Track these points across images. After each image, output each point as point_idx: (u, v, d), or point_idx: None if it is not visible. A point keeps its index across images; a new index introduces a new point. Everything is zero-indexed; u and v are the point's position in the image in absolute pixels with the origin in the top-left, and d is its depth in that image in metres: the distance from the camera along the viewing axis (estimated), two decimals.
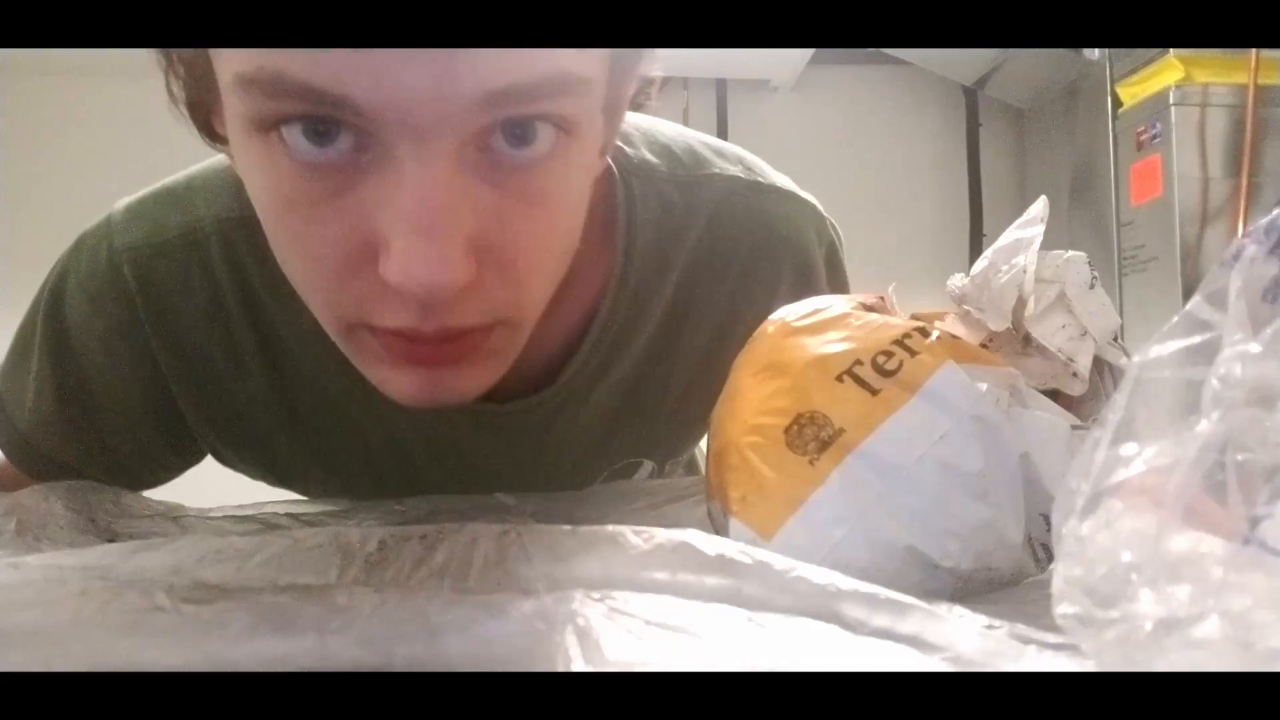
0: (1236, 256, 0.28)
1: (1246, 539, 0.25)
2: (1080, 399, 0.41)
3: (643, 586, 0.33)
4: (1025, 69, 2.31)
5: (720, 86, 2.50)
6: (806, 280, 0.59)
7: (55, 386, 0.53)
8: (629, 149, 0.55)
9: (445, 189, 0.34)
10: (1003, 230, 0.42)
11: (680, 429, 0.62)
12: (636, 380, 0.57)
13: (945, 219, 2.59)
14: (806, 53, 2.29)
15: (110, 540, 0.46)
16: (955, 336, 0.41)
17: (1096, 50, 2.13)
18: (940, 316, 0.44)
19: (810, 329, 0.43)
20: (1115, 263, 2.08)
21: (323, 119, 0.34)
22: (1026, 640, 0.29)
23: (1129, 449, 0.27)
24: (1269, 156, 1.89)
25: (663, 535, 0.35)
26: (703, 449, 0.91)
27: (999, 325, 0.41)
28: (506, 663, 0.28)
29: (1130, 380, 0.28)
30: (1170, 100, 1.90)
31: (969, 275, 0.43)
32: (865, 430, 0.38)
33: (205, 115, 0.42)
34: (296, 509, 0.57)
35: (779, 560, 0.33)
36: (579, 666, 0.27)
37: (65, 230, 0.57)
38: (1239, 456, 0.25)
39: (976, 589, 0.38)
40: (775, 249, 0.58)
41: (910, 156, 2.60)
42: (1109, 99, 2.10)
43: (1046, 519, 0.38)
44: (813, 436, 0.38)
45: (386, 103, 0.33)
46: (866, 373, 0.39)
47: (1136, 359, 0.28)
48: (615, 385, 0.56)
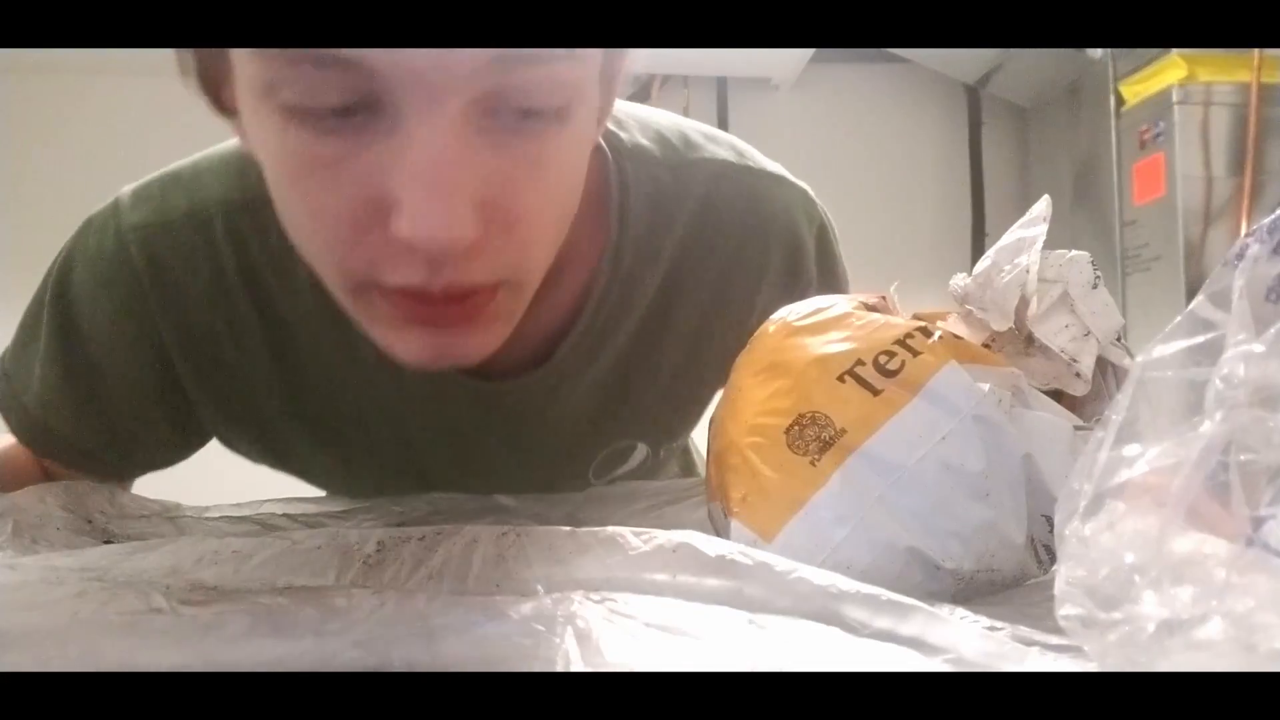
0: (1240, 256, 0.28)
1: (1250, 540, 0.25)
2: (1083, 399, 0.41)
3: (643, 588, 0.33)
4: (1028, 68, 2.31)
5: (721, 85, 2.50)
6: (796, 261, 0.60)
7: (61, 364, 0.54)
8: (623, 134, 0.56)
9: (454, 148, 0.36)
10: (1005, 229, 0.42)
11: (672, 410, 0.63)
12: (629, 358, 0.58)
13: (947, 218, 2.59)
14: (807, 51, 2.29)
15: (107, 541, 0.46)
16: (957, 336, 0.40)
17: (1099, 49, 2.12)
18: (942, 316, 0.44)
19: (812, 329, 0.42)
20: (1118, 262, 2.08)
21: (341, 107, 0.36)
22: (1029, 642, 0.29)
23: (1132, 449, 0.26)
24: (1272, 155, 1.88)
25: (663, 536, 0.34)
26: (702, 452, 0.92)
27: (1001, 325, 0.40)
28: (505, 664, 0.28)
29: (1133, 380, 0.28)
30: (1173, 99, 1.90)
31: (971, 275, 0.43)
32: (867, 431, 0.37)
33: (215, 86, 0.43)
34: (294, 510, 0.57)
35: (780, 561, 0.33)
36: (578, 668, 0.27)
37: (65, 230, 0.57)
38: (1242, 457, 0.25)
39: (978, 590, 0.37)
40: (765, 230, 0.59)
41: (912, 155, 2.60)
42: (1112, 97, 2.10)
43: (1049, 520, 0.38)
44: (814, 437, 0.38)
45: (399, 64, 0.35)
46: (868, 373, 0.39)
47: (1139, 359, 0.28)
48: (609, 363, 0.57)
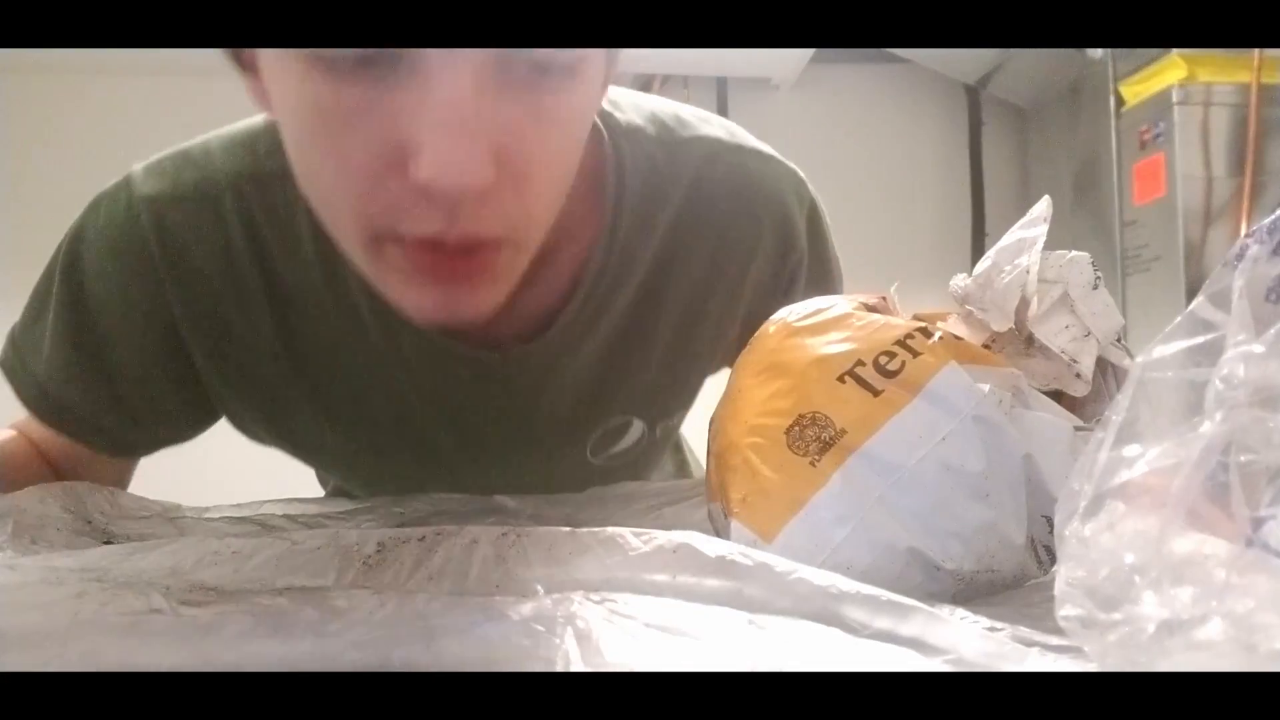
0: (1240, 256, 0.28)
1: (1250, 541, 0.25)
2: (1083, 400, 0.41)
3: (643, 589, 0.33)
4: (1028, 68, 2.31)
5: (721, 85, 2.50)
6: (787, 239, 0.62)
7: (70, 333, 0.55)
8: (618, 114, 0.58)
9: (473, 96, 0.38)
10: (1005, 230, 0.42)
11: (667, 385, 0.64)
12: (625, 332, 0.60)
13: (947, 218, 2.59)
14: (807, 51, 2.29)
15: (107, 542, 0.46)
16: (958, 337, 0.40)
17: (1099, 49, 2.12)
18: (943, 317, 0.44)
19: (812, 329, 0.42)
20: (1118, 263, 2.08)
21: (362, 55, 0.37)
22: (1029, 642, 0.29)
23: (1132, 450, 0.26)
24: (1272, 155, 1.88)
25: (663, 537, 0.34)
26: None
27: (1002, 326, 0.40)
28: (505, 665, 0.28)
29: (1133, 381, 0.28)
30: (1173, 99, 1.90)
31: (971, 275, 0.43)
32: (867, 431, 0.37)
33: None
34: (294, 510, 0.57)
35: (780, 562, 0.33)
36: (578, 669, 0.27)
37: (65, 230, 0.57)
38: (1242, 458, 0.25)
39: (978, 591, 0.37)
40: (755, 206, 0.61)
41: (912, 156, 2.60)
42: (1112, 98, 2.10)
43: (1049, 520, 0.38)
44: (814, 437, 0.38)
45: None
46: (868, 373, 0.39)
47: (1140, 359, 0.28)
48: (605, 337, 0.59)
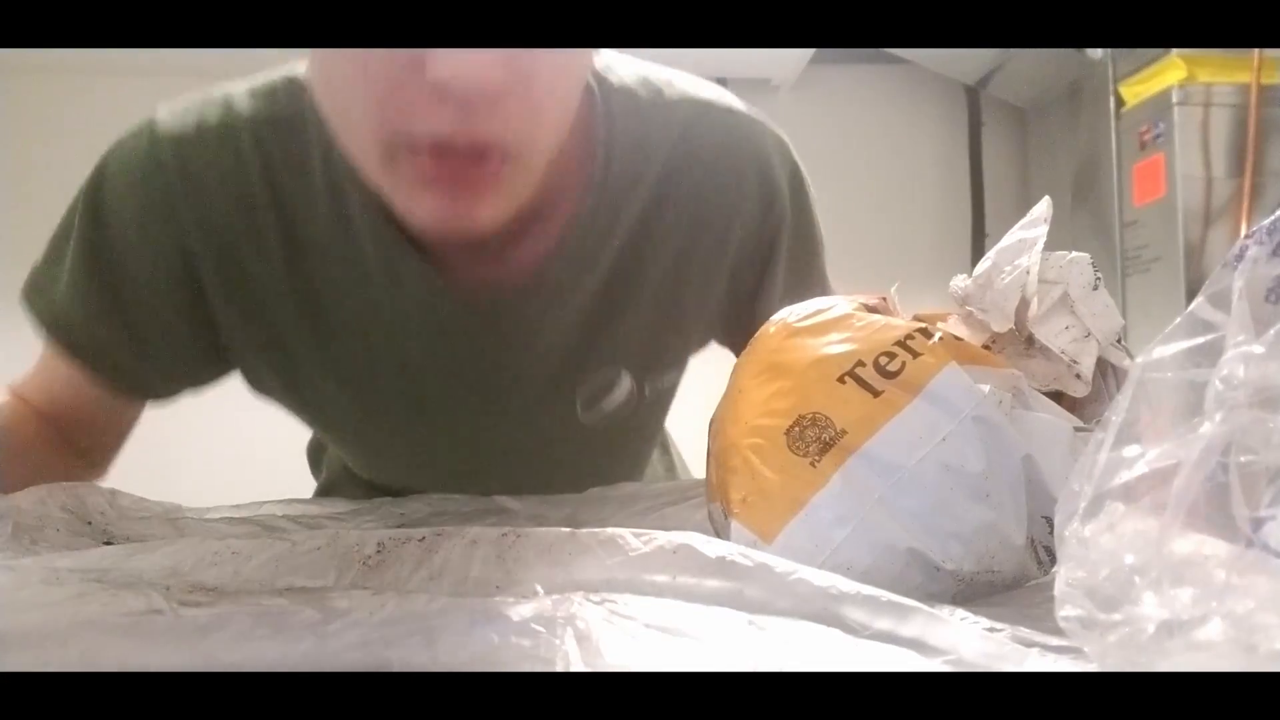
0: (1239, 257, 0.28)
1: (1250, 541, 0.25)
2: (1083, 400, 0.41)
3: (643, 589, 0.33)
4: (1028, 68, 2.31)
5: (721, 85, 2.50)
6: (768, 195, 0.65)
7: (90, 265, 0.57)
8: (611, 76, 0.61)
9: None
10: (1005, 231, 0.42)
11: (654, 340, 0.66)
12: (613, 284, 0.62)
13: (947, 219, 2.58)
14: (807, 51, 2.29)
15: (107, 542, 0.46)
16: (958, 338, 0.40)
17: (1099, 50, 2.12)
18: (943, 317, 0.44)
19: (812, 330, 0.42)
20: (1118, 263, 2.08)
21: None
22: (1029, 643, 0.29)
23: (1132, 451, 0.26)
24: (1272, 156, 1.88)
25: (663, 538, 0.34)
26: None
27: (1002, 326, 0.40)
28: (505, 665, 0.28)
29: (1133, 381, 0.28)
30: (1173, 100, 1.90)
31: (971, 276, 0.43)
32: (867, 432, 0.37)
33: None
34: (294, 511, 0.57)
35: (780, 563, 0.33)
36: (578, 669, 0.27)
37: None
38: (1242, 458, 0.25)
39: (978, 591, 0.37)
40: (740, 163, 0.63)
41: (912, 156, 2.59)
42: (1111, 98, 2.10)
43: (1049, 521, 0.38)
44: (814, 438, 0.38)
45: None
46: (868, 374, 0.39)
47: (1139, 360, 0.28)
48: (593, 287, 0.62)
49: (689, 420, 0.75)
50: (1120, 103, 2.09)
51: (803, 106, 2.53)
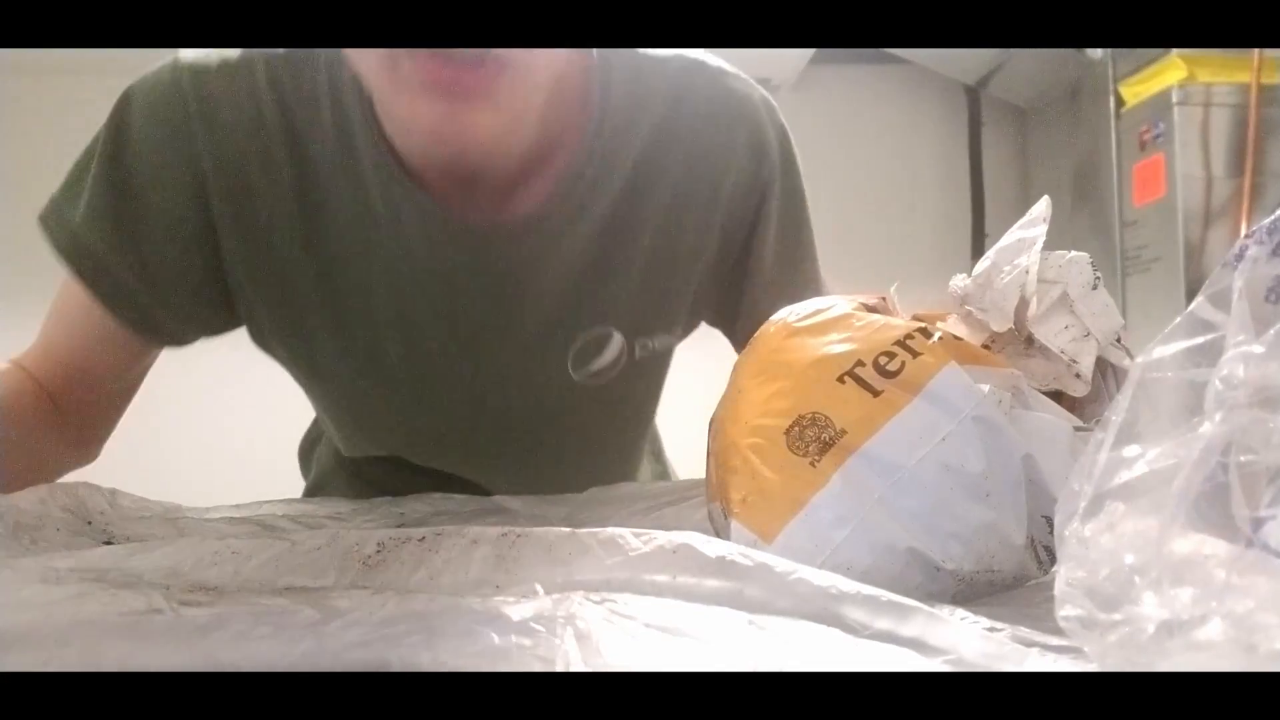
0: (1239, 257, 0.28)
1: (1250, 541, 0.25)
2: (1083, 400, 0.41)
3: (643, 589, 0.33)
4: (1028, 68, 2.31)
5: None
6: (758, 151, 0.68)
7: (108, 185, 0.59)
8: None
9: None
10: (1005, 230, 0.42)
11: (645, 298, 0.67)
12: (606, 234, 0.64)
13: (947, 219, 2.59)
14: (807, 51, 2.29)
15: (107, 542, 0.46)
16: (957, 337, 0.40)
17: (1099, 50, 2.12)
18: (942, 317, 0.44)
19: (812, 330, 0.42)
20: (1118, 263, 2.08)
21: None
22: (1029, 643, 0.29)
23: (1132, 450, 0.26)
24: (1272, 156, 1.88)
25: (663, 537, 0.34)
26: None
27: (1001, 326, 0.40)
28: (505, 665, 0.28)
29: (1133, 381, 0.28)
30: (1173, 100, 1.90)
31: (971, 275, 0.43)
32: (867, 431, 0.37)
33: None
34: (294, 511, 0.57)
35: (780, 562, 0.33)
36: (578, 669, 0.27)
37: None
38: (1242, 458, 0.25)
39: (978, 591, 0.37)
40: (730, 121, 0.66)
41: (912, 156, 2.59)
42: (1111, 98, 2.10)
43: (1049, 521, 0.38)
44: (814, 438, 0.38)
45: None
46: (868, 374, 0.39)
47: (1139, 360, 0.28)
48: (587, 236, 0.63)
49: (689, 420, 0.75)
50: (1120, 103, 2.09)
51: (803, 106, 2.53)
